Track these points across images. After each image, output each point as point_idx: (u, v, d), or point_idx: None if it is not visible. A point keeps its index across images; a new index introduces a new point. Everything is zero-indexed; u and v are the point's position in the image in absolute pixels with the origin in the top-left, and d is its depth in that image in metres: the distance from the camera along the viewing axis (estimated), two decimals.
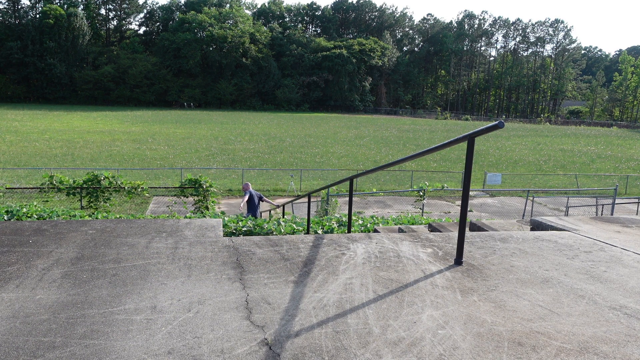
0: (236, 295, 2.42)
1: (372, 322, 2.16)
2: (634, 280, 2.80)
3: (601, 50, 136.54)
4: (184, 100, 79.06)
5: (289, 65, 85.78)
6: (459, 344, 1.98)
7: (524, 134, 50.59)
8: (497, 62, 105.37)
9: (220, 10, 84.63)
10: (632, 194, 20.43)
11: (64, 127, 38.57)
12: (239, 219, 5.71)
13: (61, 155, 24.32)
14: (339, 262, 2.98)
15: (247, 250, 3.18)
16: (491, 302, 2.41)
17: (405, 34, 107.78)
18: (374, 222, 6.51)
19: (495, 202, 18.09)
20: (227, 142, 32.54)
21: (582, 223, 4.33)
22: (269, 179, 20.60)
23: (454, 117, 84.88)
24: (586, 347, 1.97)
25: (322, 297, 2.42)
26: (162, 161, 23.70)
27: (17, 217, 6.13)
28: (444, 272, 2.86)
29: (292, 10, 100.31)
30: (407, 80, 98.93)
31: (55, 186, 11.23)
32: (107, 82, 74.73)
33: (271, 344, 1.94)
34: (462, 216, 2.99)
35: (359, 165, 24.17)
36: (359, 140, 37.13)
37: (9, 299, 2.31)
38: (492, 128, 2.70)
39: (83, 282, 2.56)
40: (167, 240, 3.38)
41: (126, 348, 1.88)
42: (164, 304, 2.29)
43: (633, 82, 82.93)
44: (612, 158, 32.93)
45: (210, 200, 11.73)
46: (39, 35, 73.01)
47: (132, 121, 47.09)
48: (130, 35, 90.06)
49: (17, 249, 3.11)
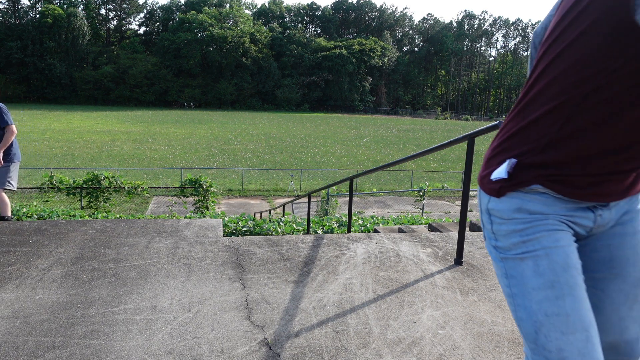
0: (236, 295, 2.42)
1: (372, 322, 2.16)
2: None
3: None
4: (184, 100, 79.06)
5: (289, 65, 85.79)
6: (459, 344, 1.98)
7: None
8: (497, 62, 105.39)
9: (220, 10, 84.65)
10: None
11: (64, 127, 38.57)
12: (239, 219, 5.72)
13: (61, 155, 24.33)
14: (339, 262, 2.98)
15: (247, 250, 3.19)
16: (491, 302, 2.41)
17: (405, 34, 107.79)
18: (374, 222, 6.51)
19: None
20: (227, 142, 32.54)
21: None
22: (269, 179, 20.60)
23: (454, 117, 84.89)
24: None
25: (322, 297, 2.42)
26: (162, 161, 23.70)
27: (17, 217, 6.13)
28: (444, 272, 2.86)
29: (292, 10, 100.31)
30: (407, 80, 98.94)
31: (55, 186, 11.23)
32: (107, 82, 74.71)
33: (271, 344, 1.94)
34: (462, 216, 2.99)
35: (359, 165, 24.17)
36: (359, 140, 37.13)
37: (9, 299, 2.31)
38: (492, 128, 2.70)
39: (83, 282, 2.56)
40: (167, 240, 3.38)
41: (126, 348, 1.88)
42: (164, 304, 2.29)
43: None
44: None
45: (210, 200, 11.73)
46: (39, 35, 73.00)
47: (132, 121, 47.10)
48: (130, 35, 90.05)
49: (17, 249, 3.11)
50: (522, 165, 1.02)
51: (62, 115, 50.65)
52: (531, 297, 0.99)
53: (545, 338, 0.96)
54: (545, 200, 1.01)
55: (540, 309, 0.97)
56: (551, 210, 1.02)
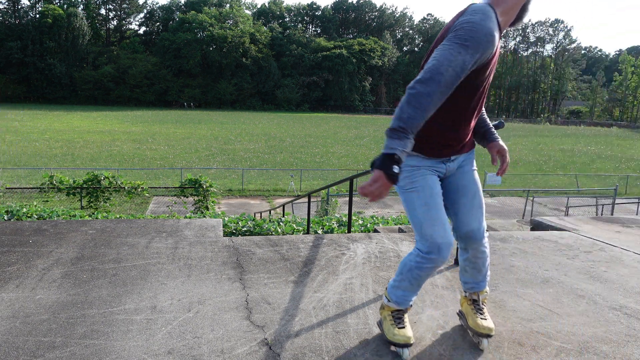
0: (236, 295, 2.42)
1: (372, 322, 2.16)
2: (634, 280, 2.81)
3: (601, 50, 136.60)
4: (184, 100, 79.04)
5: (289, 65, 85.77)
6: (459, 344, 1.98)
7: (524, 134, 50.59)
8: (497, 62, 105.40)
9: (220, 10, 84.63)
10: (632, 194, 20.43)
11: (64, 127, 38.57)
12: (239, 219, 5.71)
13: (61, 155, 24.33)
14: (339, 262, 2.98)
15: (247, 250, 3.19)
16: (491, 302, 2.41)
17: (405, 34, 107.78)
18: (374, 222, 6.50)
19: (495, 202, 18.09)
20: (227, 142, 32.54)
21: (582, 223, 4.33)
22: (269, 179, 20.61)
23: None
24: (586, 347, 1.97)
25: (322, 297, 2.42)
26: (162, 161, 23.70)
27: (17, 217, 6.13)
28: (444, 272, 2.86)
29: (292, 10, 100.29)
30: (407, 80, 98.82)
31: (55, 186, 11.23)
32: (107, 82, 74.68)
33: (271, 344, 1.94)
34: None
35: (359, 165, 24.16)
36: (359, 140, 37.12)
37: (9, 299, 2.31)
38: (493, 128, 2.70)
39: (83, 282, 2.56)
40: (167, 240, 3.38)
41: (126, 348, 1.88)
42: (164, 304, 2.29)
43: (633, 82, 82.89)
44: (612, 158, 32.93)
45: (210, 200, 11.73)
46: (39, 35, 72.97)
47: (132, 121, 47.10)
48: (131, 35, 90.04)
49: (17, 249, 3.11)
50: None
51: (62, 115, 50.64)
52: (416, 211, 1.80)
53: (424, 230, 1.77)
54: (419, 159, 1.84)
55: (421, 216, 1.79)
56: (422, 164, 1.84)
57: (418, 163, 1.82)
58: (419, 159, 1.82)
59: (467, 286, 2.04)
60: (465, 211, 1.90)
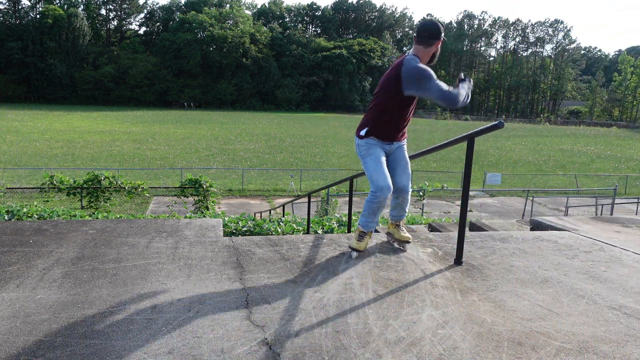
0: (236, 295, 2.42)
1: (372, 322, 2.16)
2: (634, 280, 2.81)
3: (601, 50, 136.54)
4: (184, 100, 79.06)
5: (289, 65, 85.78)
6: (459, 344, 1.98)
7: (523, 134, 50.60)
8: (497, 62, 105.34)
9: (220, 10, 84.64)
10: (632, 194, 20.43)
11: (64, 127, 38.58)
12: (239, 219, 5.71)
13: (61, 155, 24.33)
14: (339, 262, 2.99)
15: (247, 250, 3.19)
16: (491, 302, 2.42)
17: (405, 34, 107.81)
18: None
19: (495, 202, 18.09)
20: (227, 142, 32.55)
21: (581, 223, 4.33)
22: (269, 179, 20.61)
23: (454, 117, 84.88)
24: (586, 347, 1.98)
25: (322, 297, 2.43)
26: (162, 161, 23.71)
27: (18, 217, 6.13)
28: (444, 272, 2.86)
29: (292, 11, 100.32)
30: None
31: (55, 186, 11.23)
32: (107, 82, 74.71)
33: (271, 343, 1.94)
34: (462, 216, 3.00)
35: (359, 165, 24.13)
36: None
37: (9, 299, 2.32)
38: (492, 128, 2.71)
39: (83, 282, 2.56)
40: (167, 240, 3.38)
41: (126, 348, 1.88)
42: (164, 304, 2.29)
43: (632, 82, 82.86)
44: (611, 158, 32.93)
45: (210, 200, 11.73)
46: (40, 35, 73.00)
47: (132, 121, 47.11)
48: (131, 36, 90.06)
49: (18, 248, 3.11)
50: (369, 129, 3.04)
51: (62, 115, 50.66)
52: (369, 167, 3.00)
53: (373, 178, 2.96)
54: (374, 141, 3.05)
55: (372, 170, 2.98)
56: (376, 143, 3.06)
57: (374, 142, 3.05)
58: (375, 140, 3.05)
59: (395, 218, 3.28)
60: (398, 174, 3.14)
